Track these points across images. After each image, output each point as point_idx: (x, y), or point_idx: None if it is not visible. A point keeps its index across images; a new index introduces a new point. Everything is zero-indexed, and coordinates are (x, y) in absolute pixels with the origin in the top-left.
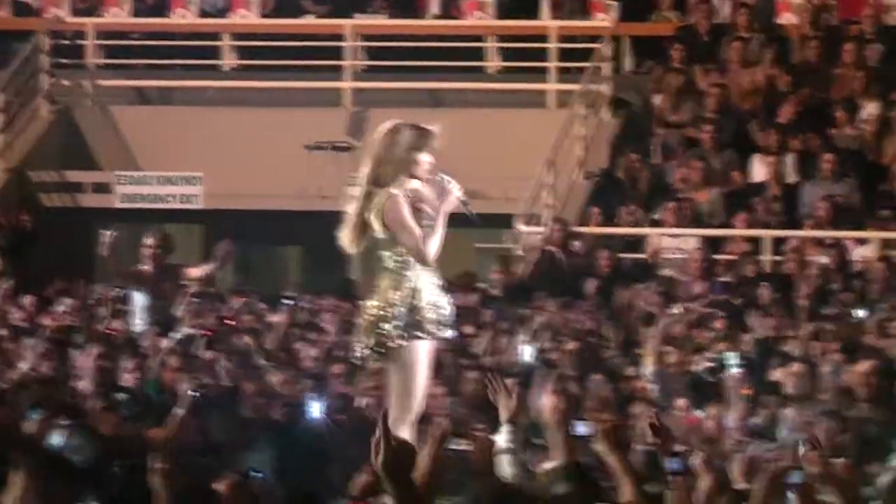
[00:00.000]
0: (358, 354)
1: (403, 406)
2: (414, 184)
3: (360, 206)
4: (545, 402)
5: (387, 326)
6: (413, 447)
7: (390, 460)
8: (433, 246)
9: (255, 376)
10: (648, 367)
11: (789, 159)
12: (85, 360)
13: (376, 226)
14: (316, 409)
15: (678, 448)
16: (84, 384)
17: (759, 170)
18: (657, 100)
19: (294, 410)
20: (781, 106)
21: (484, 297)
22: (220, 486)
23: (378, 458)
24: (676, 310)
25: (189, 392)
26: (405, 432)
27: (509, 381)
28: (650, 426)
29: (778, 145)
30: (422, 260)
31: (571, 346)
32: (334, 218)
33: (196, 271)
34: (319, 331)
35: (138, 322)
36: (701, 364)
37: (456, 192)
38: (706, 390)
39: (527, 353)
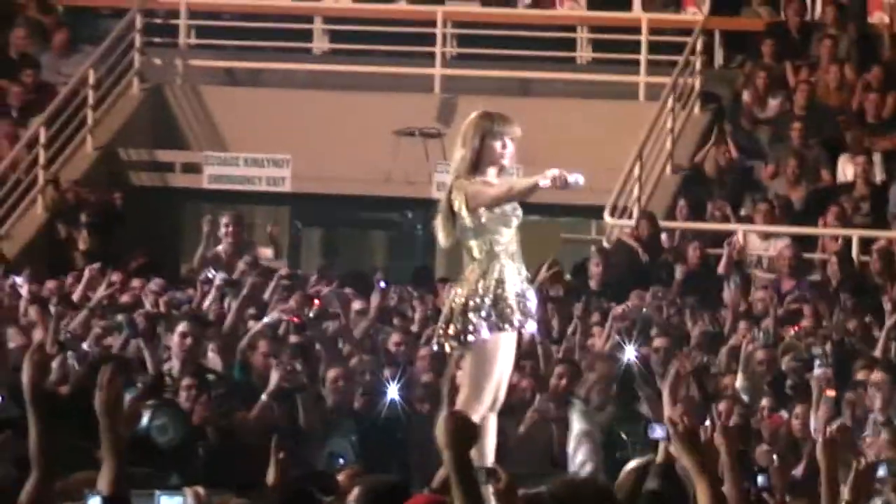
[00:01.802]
0: (440, 342)
1: (474, 396)
2: (491, 172)
3: (447, 196)
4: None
5: (471, 316)
6: (476, 426)
7: (451, 430)
8: (507, 189)
9: (340, 362)
10: (739, 382)
11: (877, 158)
12: (174, 341)
13: (464, 214)
14: (393, 392)
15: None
16: (173, 364)
17: (847, 169)
18: (746, 95)
19: (374, 397)
20: (871, 104)
21: (575, 290)
22: (341, 477)
23: (440, 430)
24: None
25: (278, 378)
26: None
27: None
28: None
29: (867, 144)
30: (505, 197)
31: (659, 342)
32: (421, 204)
33: (268, 251)
34: (404, 317)
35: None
36: (787, 363)
37: (572, 179)
38: (792, 389)
39: (629, 352)
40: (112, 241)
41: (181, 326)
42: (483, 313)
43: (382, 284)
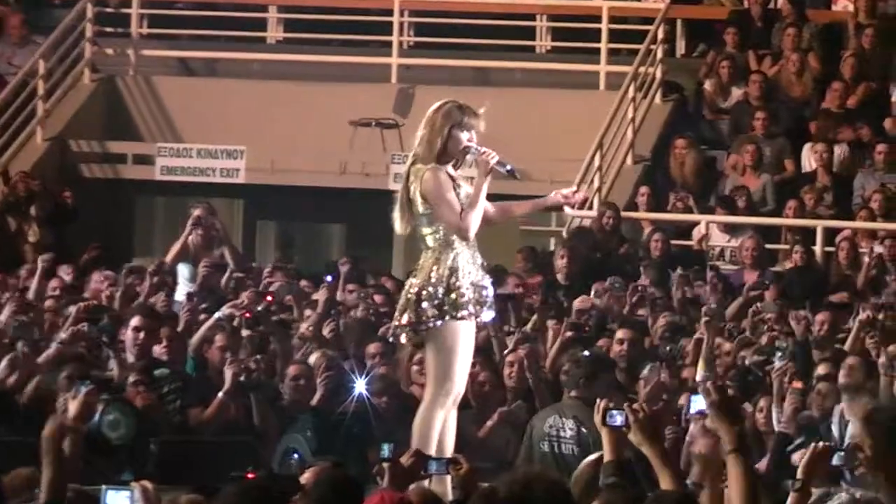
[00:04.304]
0: (395, 332)
1: (441, 388)
2: (450, 164)
3: (405, 183)
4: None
5: (425, 305)
6: None
7: None
8: (473, 220)
9: (295, 356)
10: (699, 374)
11: (840, 149)
12: (127, 335)
13: (417, 201)
14: (360, 387)
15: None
16: (126, 358)
17: (810, 159)
18: (708, 85)
19: (334, 391)
20: (835, 94)
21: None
22: (308, 474)
23: None
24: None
25: (232, 375)
26: (441, 415)
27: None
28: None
29: (830, 135)
30: (462, 235)
31: (623, 333)
32: (378, 196)
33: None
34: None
35: (181, 294)
36: (750, 357)
37: (491, 158)
38: (756, 383)
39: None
40: (63, 234)
41: (135, 320)
42: (436, 302)
43: (329, 278)
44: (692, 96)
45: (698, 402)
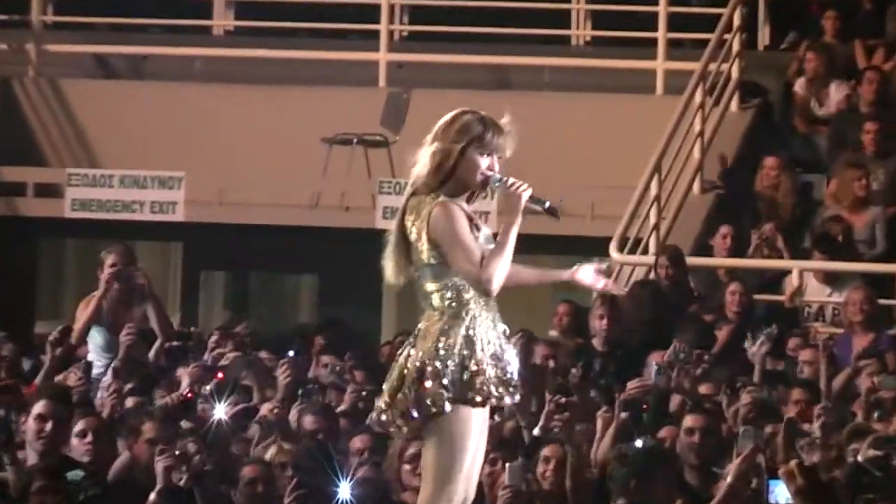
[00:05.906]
0: (384, 421)
1: (441, 492)
2: (461, 196)
3: (401, 219)
4: None
5: (429, 385)
6: None
7: None
8: (498, 271)
9: (250, 451)
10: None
11: None
12: (28, 425)
13: (422, 247)
14: (344, 492)
15: None
16: (28, 455)
17: None
18: (800, 87)
19: (306, 494)
20: None
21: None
22: None
23: None
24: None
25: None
26: None
27: None
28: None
29: None
30: (483, 289)
31: (692, 420)
32: (361, 236)
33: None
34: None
35: (97, 368)
36: (864, 451)
37: (523, 191)
38: (872, 486)
39: (639, 440)
40: None
41: (39, 406)
42: (445, 381)
43: (291, 353)
44: (779, 102)
45: (780, 491)
